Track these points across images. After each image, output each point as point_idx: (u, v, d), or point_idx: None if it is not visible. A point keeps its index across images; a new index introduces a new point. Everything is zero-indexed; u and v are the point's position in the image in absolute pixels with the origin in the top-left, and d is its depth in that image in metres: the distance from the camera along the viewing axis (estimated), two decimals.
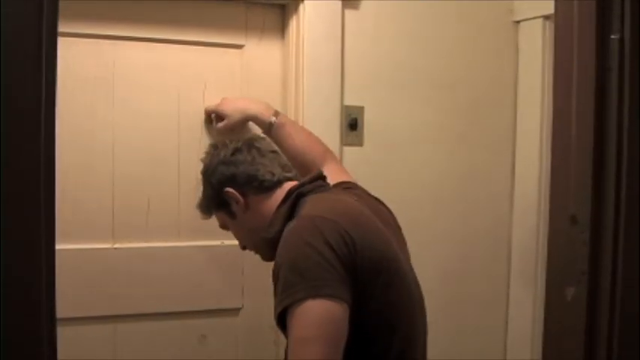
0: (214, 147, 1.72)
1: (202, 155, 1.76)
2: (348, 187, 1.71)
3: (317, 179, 1.64)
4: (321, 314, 1.29)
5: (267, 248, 1.61)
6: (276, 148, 1.76)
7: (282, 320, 1.34)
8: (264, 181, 1.62)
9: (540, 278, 2.24)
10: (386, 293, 1.43)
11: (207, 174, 1.69)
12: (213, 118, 2.05)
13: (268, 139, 1.80)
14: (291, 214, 1.53)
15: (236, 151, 1.65)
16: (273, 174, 1.63)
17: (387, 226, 1.58)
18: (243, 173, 1.62)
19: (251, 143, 1.68)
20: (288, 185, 1.62)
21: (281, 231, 1.49)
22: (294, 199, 1.55)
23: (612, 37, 0.88)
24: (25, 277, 0.75)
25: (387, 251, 1.46)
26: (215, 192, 1.66)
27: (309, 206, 1.49)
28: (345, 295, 1.32)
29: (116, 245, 2.02)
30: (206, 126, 2.08)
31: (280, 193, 1.61)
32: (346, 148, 2.13)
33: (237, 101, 2.00)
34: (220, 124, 2.01)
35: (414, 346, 1.49)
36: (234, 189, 1.62)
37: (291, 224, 1.44)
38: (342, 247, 1.35)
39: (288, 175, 1.66)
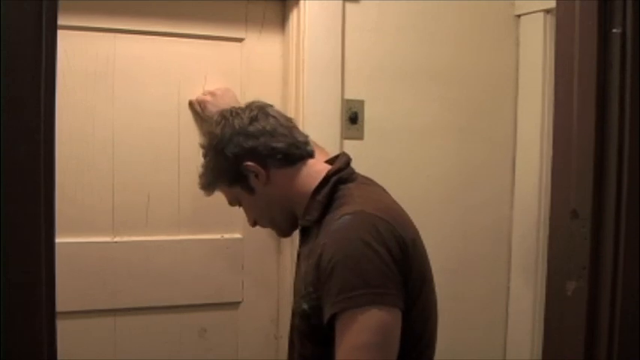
0: (224, 117, 1.54)
1: (208, 127, 1.61)
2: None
3: (349, 164, 1.56)
4: (384, 322, 1.27)
5: (287, 224, 1.58)
6: (290, 117, 1.62)
7: (329, 318, 1.30)
8: (288, 154, 1.50)
9: (541, 273, 2.24)
10: (426, 294, 1.42)
11: (220, 146, 1.51)
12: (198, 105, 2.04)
13: (277, 109, 1.62)
14: (329, 201, 1.46)
15: (253, 120, 1.50)
16: (297, 147, 1.52)
17: None
18: (266, 145, 1.49)
19: (266, 111, 1.54)
20: (312, 162, 1.54)
21: (319, 219, 1.45)
22: (333, 186, 1.48)
23: (614, 31, 0.88)
24: (26, 270, 0.74)
25: (424, 252, 1.45)
26: (231, 165, 1.51)
27: (358, 200, 1.42)
28: (401, 303, 1.31)
29: (116, 239, 2.02)
30: (195, 117, 2.07)
31: (305, 170, 1.52)
32: (347, 142, 2.13)
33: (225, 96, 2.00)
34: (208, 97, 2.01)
35: (433, 344, 1.49)
36: (254, 162, 1.49)
37: (346, 219, 1.35)
38: (397, 251, 1.32)
39: (310, 149, 1.55)
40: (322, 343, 1.34)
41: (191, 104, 2.05)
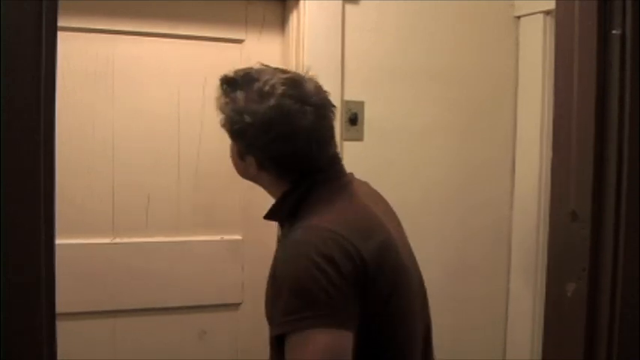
0: (248, 75, 1.41)
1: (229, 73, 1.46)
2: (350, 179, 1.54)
3: (334, 165, 1.45)
4: (326, 345, 1.22)
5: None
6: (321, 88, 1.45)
7: (278, 338, 1.27)
8: (296, 171, 1.38)
9: (541, 274, 2.24)
10: (397, 301, 1.38)
11: (233, 111, 1.37)
12: None
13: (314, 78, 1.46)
14: (298, 204, 1.39)
15: (281, 113, 1.31)
16: (309, 169, 1.38)
17: (390, 221, 1.49)
18: (279, 158, 1.36)
19: (304, 97, 1.37)
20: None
21: (288, 216, 1.40)
22: (305, 190, 1.39)
23: (613, 32, 0.88)
24: (26, 271, 0.74)
25: (400, 257, 1.38)
26: (231, 135, 1.39)
27: (322, 209, 1.35)
28: (351, 323, 1.26)
29: (116, 240, 2.02)
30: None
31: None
32: (346, 143, 2.13)
33: None
34: None
35: (409, 349, 1.46)
36: (255, 159, 1.38)
37: (298, 234, 1.31)
38: (349, 267, 1.26)
39: (321, 163, 1.40)
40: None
41: None
